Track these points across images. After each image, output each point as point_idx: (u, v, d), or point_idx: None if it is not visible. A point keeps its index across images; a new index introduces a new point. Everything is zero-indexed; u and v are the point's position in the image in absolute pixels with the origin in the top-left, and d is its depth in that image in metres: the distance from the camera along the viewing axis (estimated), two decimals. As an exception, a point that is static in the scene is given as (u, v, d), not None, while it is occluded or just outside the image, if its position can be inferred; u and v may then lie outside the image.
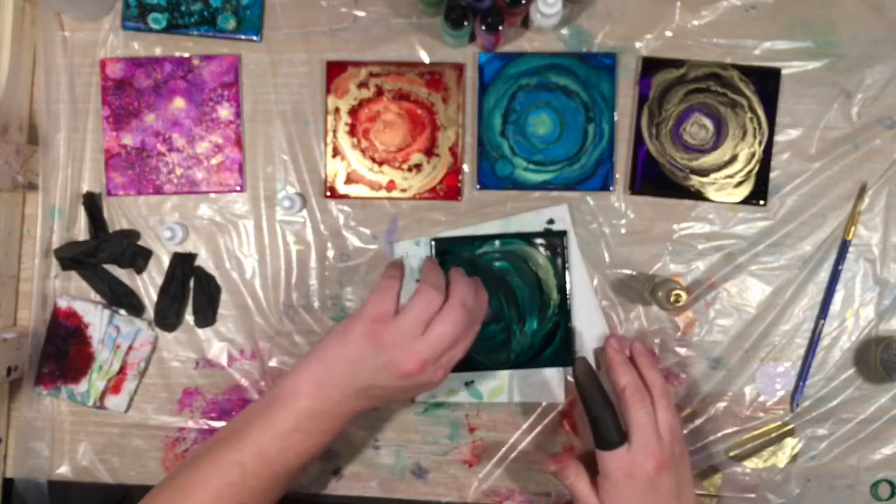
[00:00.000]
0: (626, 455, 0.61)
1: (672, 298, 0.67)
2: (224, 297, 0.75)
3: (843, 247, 0.72)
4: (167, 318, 0.74)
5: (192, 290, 0.75)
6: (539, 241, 0.73)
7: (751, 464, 0.73)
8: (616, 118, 0.73)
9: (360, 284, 0.74)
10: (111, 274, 0.75)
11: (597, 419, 0.63)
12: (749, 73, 0.72)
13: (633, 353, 0.66)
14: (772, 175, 0.73)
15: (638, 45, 0.73)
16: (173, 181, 0.75)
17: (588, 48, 0.73)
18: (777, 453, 0.73)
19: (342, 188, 0.74)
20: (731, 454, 0.73)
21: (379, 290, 0.60)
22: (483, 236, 0.73)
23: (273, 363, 0.75)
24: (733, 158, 0.73)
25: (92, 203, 0.75)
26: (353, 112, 0.74)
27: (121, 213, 0.76)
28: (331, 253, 0.75)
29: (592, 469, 0.63)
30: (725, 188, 0.73)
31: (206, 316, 0.75)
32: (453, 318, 0.59)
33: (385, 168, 0.74)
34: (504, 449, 0.73)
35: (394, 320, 0.59)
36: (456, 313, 0.59)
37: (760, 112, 0.72)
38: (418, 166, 0.74)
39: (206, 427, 0.75)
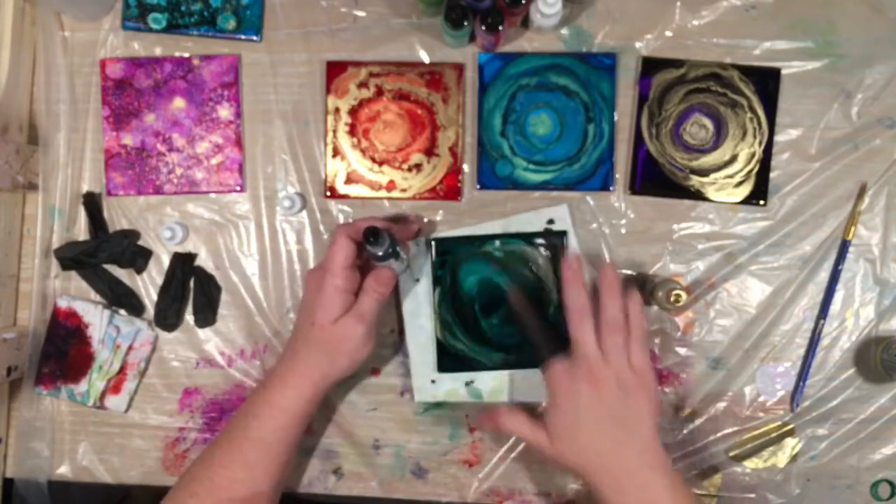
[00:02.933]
0: (562, 370, 0.64)
1: (672, 298, 0.67)
2: (224, 297, 0.75)
3: (843, 247, 0.72)
4: (167, 318, 0.74)
5: (192, 290, 0.75)
6: (539, 241, 0.73)
7: (751, 464, 0.73)
8: (616, 118, 0.73)
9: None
10: (111, 274, 0.75)
11: (533, 340, 0.67)
12: (749, 73, 0.72)
13: (600, 279, 0.65)
14: (772, 175, 0.73)
15: (638, 45, 0.73)
16: (173, 181, 0.75)
17: (588, 48, 0.73)
18: (777, 453, 0.73)
19: (342, 188, 0.74)
20: (731, 454, 0.73)
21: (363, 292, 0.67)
22: (483, 236, 0.73)
23: (273, 363, 0.75)
24: (733, 158, 0.73)
25: (92, 203, 0.75)
26: (353, 112, 0.74)
27: (121, 213, 0.76)
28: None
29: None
30: (725, 188, 0.73)
31: (206, 316, 0.75)
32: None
33: (385, 168, 0.74)
34: (504, 449, 0.73)
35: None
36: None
37: (760, 112, 0.72)
38: (418, 166, 0.74)
39: (206, 427, 0.75)
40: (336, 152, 0.74)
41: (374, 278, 0.66)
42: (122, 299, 0.75)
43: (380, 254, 0.64)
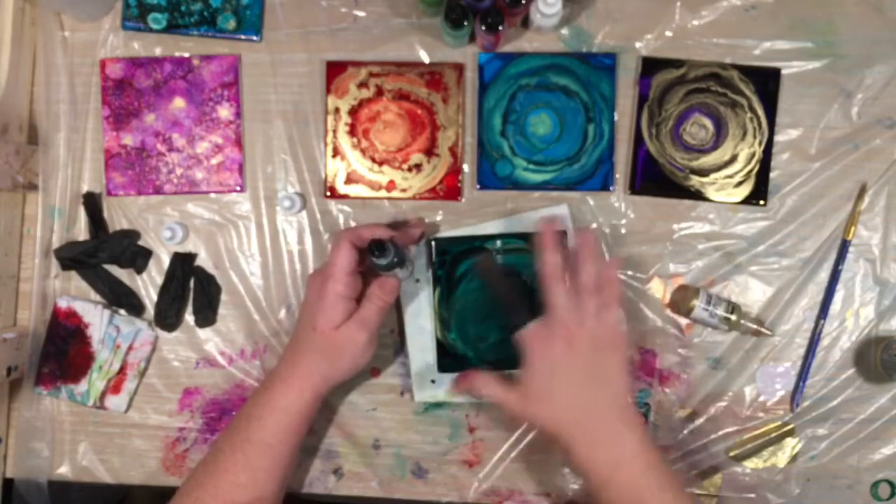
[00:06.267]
0: (537, 330, 0.64)
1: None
2: (224, 297, 0.75)
3: (843, 247, 0.72)
4: (167, 317, 0.74)
5: (192, 290, 0.75)
6: (539, 241, 0.72)
7: (751, 464, 0.73)
8: (616, 118, 0.73)
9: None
10: (111, 274, 0.75)
11: (507, 305, 0.66)
12: (749, 73, 0.72)
13: (578, 242, 0.66)
14: (772, 175, 0.73)
15: (638, 45, 0.73)
16: (173, 181, 0.75)
17: (588, 48, 0.73)
18: (777, 453, 0.73)
19: (342, 188, 0.74)
20: (731, 454, 0.73)
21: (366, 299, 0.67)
22: (483, 236, 0.73)
23: (273, 363, 0.75)
24: (733, 158, 0.73)
25: (92, 203, 0.75)
26: (353, 112, 0.74)
27: (121, 213, 0.76)
28: (331, 253, 0.75)
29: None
30: (725, 188, 0.73)
31: (206, 316, 0.75)
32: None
33: (385, 168, 0.74)
34: (504, 449, 0.73)
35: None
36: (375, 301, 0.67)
37: (760, 112, 0.72)
38: (418, 166, 0.74)
39: (206, 427, 0.75)
40: (336, 152, 0.74)
41: (379, 286, 0.66)
42: (122, 299, 0.75)
43: (384, 263, 0.64)
